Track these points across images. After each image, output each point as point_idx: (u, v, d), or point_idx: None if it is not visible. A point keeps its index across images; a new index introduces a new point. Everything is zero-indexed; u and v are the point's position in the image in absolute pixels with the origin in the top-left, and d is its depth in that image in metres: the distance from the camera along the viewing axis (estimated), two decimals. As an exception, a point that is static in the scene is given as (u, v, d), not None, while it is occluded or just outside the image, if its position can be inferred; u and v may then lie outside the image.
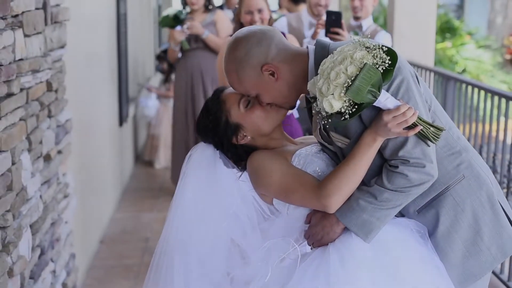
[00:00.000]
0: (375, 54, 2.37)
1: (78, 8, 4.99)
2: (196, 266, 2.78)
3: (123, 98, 7.59)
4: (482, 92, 5.55)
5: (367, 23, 6.05)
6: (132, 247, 6.08)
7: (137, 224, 6.70)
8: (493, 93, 5.29)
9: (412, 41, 7.78)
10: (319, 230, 2.59)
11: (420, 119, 2.42)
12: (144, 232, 6.48)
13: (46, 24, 3.66)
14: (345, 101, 2.35)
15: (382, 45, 2.40)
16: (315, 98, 2.49)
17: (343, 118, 2.38)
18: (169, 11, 7.34)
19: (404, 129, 2.40)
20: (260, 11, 4.93)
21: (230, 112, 2.71)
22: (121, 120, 7.51)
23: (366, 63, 2.34)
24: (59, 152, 4.02)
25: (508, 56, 17.80)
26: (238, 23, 5.12)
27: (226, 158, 2.80)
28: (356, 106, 2.37)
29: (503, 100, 5.06)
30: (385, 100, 2.38)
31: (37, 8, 3.50)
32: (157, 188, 7.83)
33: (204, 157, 2.80)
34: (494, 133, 5.43)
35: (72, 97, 4.57)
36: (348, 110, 2.36)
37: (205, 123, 2.76)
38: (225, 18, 7.38)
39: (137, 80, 9.53)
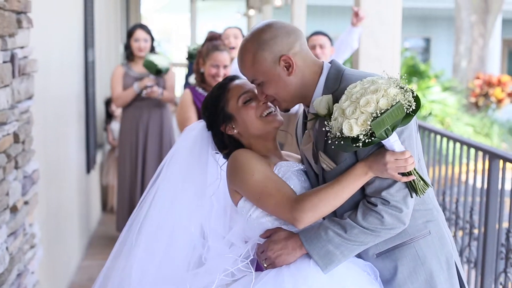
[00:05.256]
0: (406, 96, 2.41)
1: (47, 57, 5.02)
2: (160, 254, 2.81)
3: (91, 145, 7.59)
4: (451, 141, 5.53)
5: None
6: (99, 295, 6.01)
7: (105, 272, 6.63)
8: (459, 141, 5.30)
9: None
10: (278, 249, 2.61)
11: (415, 170, 2.48)
12: (111, 279, 6.41)
13: (13, 76, 3.68)
14: (365, 129, 2.38)
15: (412, 90, 2.43)
16: (316, 115, 2.55)
17: (355, 144, 2.39)
18: (159, 61, 7.07)
19: (398, 174, 2.46)
20: (225, 67, 5.09)
21: (229, 101, 2.79)
22: (89, 167, 7.50)
23: (399, 101, 2.38)
24: (26, 203, 4.01)
25: (472, 99, 18.05)
26: (198, 73, 5.24)
27: (213, 141, 2.88)
28: (371, 138, 2.40)
29: (472, 149, 5.05)
30: (394, 141, 2.44)
31: (4, 62, 3.53)
32: (125, 235, 7.78)
33: (201, 135, 2.88)
34: (462, 176, 5.49)
35: (40, 146, 4.58)
36: (365, 138, 2.38)
37: (207, 101, 2.86)
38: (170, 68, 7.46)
39: (104, 126, 9.51)
